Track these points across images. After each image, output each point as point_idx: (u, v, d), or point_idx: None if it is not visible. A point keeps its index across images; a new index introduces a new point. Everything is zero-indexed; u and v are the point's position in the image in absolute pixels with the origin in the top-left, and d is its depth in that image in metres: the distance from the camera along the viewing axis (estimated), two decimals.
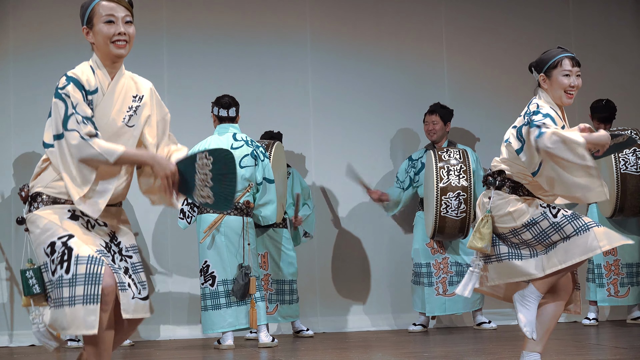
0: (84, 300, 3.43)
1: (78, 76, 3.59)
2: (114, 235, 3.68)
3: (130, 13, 3.68)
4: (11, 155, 7.62)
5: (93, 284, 3.44)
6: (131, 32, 3.66)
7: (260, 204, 6.63)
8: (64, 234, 3.52)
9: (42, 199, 3.61)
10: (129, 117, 3.66)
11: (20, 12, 7.79)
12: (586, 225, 4.24)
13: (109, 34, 3.61)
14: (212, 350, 6.57)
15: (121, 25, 3.62)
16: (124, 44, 3.63)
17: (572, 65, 4.36)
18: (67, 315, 3.44)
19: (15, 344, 7.44)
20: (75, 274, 3.44)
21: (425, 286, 7.54)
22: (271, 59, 8.10)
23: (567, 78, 4.35)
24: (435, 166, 7.17)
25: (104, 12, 3.62)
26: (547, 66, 4.41)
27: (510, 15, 8.56)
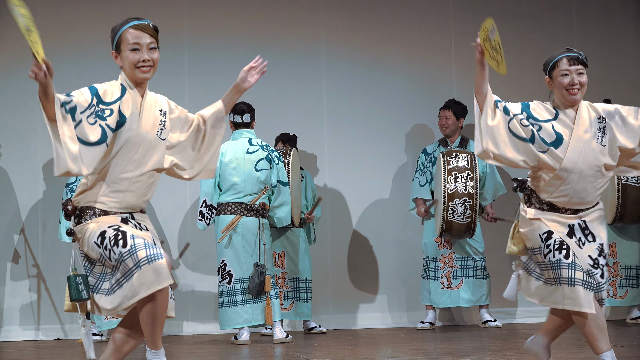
0: (149, 260, 3.66)
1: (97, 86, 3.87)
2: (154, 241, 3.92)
3: (155, 40, 3.92)
4: (38, 160, 7.82)
5: (153, 247, 3.70)
6: (155, 57, 3.91)
7: (275, 205, 6.82)
8: (114, 224, 3.78)
9: (94, 212, 3.85)
10: (161, 130, 3.94)
11: (46, 19, 7.98)
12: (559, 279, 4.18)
13: (134, 60, 3.87)
14: (229, 345, 6.69)
15: (145, 52, 3.88)
16: (148, 69, 3.90)
17: (571, 64, 4.31)
18: (135, 280, 3.65)
19: (42, 338, 7.66)
20: (134, 245, 3.68)
21: (431, 279, 7.74)
22: (288, 67, 8.25)
23: (566, 77, 4.29)
24: (443, 171, 7.31)
25: (131, 40, 3.88)
26: (548, 68, 4.40)
27: (516, 27, 8.64)
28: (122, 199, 3.87)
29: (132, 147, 3.86)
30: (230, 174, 6.77)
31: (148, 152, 3.89)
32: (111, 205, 3.85)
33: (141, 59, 3.87)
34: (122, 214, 3.87)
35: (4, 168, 7.83)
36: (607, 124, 4.30)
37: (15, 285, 7.72)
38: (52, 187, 7.83)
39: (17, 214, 7.79)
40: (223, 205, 6.75)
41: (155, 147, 3.91)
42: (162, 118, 3.95)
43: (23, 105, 7.83)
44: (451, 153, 7.40)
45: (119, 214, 3.87)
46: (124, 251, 3.68)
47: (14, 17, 3.60)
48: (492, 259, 8.10)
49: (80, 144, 3.73)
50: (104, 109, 3.83)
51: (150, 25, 3.93)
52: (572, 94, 4.29)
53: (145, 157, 3.88)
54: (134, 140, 3.85)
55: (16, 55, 7.85)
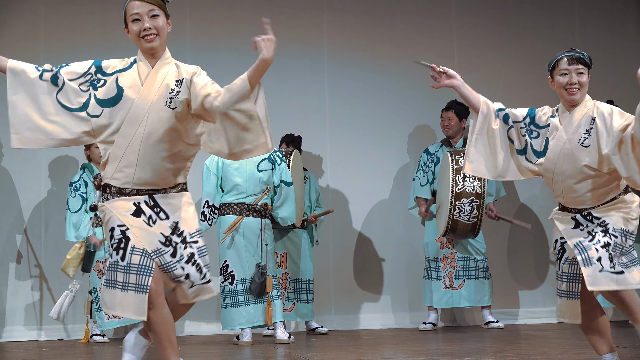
0: (136, 289, 3.70)
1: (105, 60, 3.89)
2: (177, 226, 3.84)
3: (157, 6, 3.85)
4: (42, 160, 7.84)
5: (145, 275, 3.70)
6: (159, 24, 3.85)
7: (277, 205, 6.85)
8: (123, 223, 3.77)
9: (111, 190, 3.84)
10: (170, 99, 3.80)
11: (49, 19, 8.01)
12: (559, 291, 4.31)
13: (137, 31, 3.84)
14: (231, 345, 6.71)
15: (146, 20, 3.83)
16: (152, 37, 3.84)
17: (570, 63, 4.32)
18: (117, 297, 3.72)
19: (44, 338, 7.68)
20: (130, 263, 3.71)
21: (433, 280, 7.76)
22: (290, 69, 8.28)
23: (564, 77, 4.30)
24: (451, 170, 7.33)
25: (131, 12, 3.85)
26: (549, 69, 4.41)
27: (518, 29, 8.68)
28: (133, 175, 3.80)
29: (135, 119, 3.78)
30: (232, 175, 6.78)
31: (155, 123, 3.78)
32: (124, 181, 3.82)
33: (142, 28, 3.83)
34: (136, 197, 3.81)
35: (6, 168, 7.85)
36: (595, 126, 4.25)
37: (18, 286, 7.75)
38: (55, 187, 7.85)
39: (19, 214, 7.81)
40: (225, 205, 6.77)
41: (164, 117, 3.79)
42: (176, 87, 3.82)
43: None
44: (459, 152, 7.43)
45: (132, 194, 3.82)
46: (120, 263, 3.74)
47: None
48: (493, 259, 8.12)
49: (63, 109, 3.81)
50: (100, 79, 3.84)
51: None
52: (571, 93, 4.30)
53: (153, 128, 3.78)
54: (135, 112, 3.78)
55: (17, 54, 7.85)
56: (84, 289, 7.45)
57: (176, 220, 3.85)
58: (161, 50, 3.90)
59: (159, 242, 3.80)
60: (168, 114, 3.79)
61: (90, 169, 7.39)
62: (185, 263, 3.82)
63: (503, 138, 4.38)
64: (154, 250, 3.77)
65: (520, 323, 8.29)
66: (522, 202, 8.58)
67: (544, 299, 8.37)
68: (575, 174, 4.25)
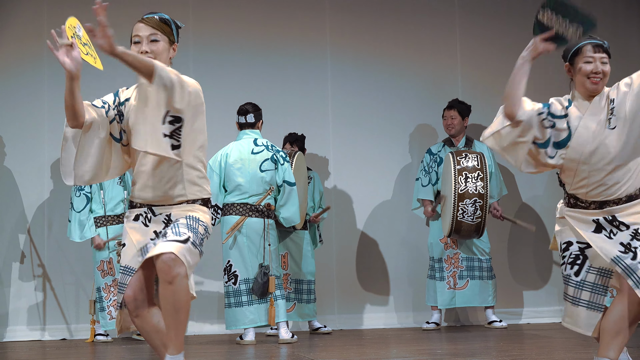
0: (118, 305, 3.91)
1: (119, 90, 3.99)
2: (169, 218, 3.88)
3: (160, 31, 3.93)
4: (45, 160, 7.87)
5: (121, 293, 3.87)
6: (156, 49, 3.91)
7: (281, 204, 6.86)
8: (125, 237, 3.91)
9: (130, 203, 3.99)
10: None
11: (53, 20, 8.03)
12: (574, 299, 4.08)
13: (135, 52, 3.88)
14: (234, 345, 6.72)
15: (144, 44, 3.91)
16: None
17: (595, 51, 4.15)
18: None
19: (48, 338, 7.69)
20: (119, 281, 3.90)
21: (437, 280, 7.76)
22: (293, 69, 8.30)
23: (589, 64, 4.13)
24: (453, 171, 7.34)
25: (133, 33, 3.96)
26: (570, 54, 4.24)
27: (521, 29, 8.67)
28: (140, 193, 3.91)
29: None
30: (235, 175, 6.79)
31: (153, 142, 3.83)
32: (135, 195, 3.94)
33: (139, 51, 3.89)
34: (139, 208, 3.91)
35: (8, 168, 7.86)
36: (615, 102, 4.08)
37: (21, 286, 7.75)
38: (58, 186, 7.86)
39: (22, 214, 7.82)
40: (228, 206, 6.77)
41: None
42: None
43: (29, 104, 7.87)
44: (460, 153, 7.43)
45: (137, 207, 3.92)
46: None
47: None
48: (497, 259, 8.13)
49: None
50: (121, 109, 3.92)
51: (156, 17, 3.95)
52: (594, 82, 4.12)
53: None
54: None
55: (21, 54, 7.90)
56: (88, 289, 7.47)
57: (168, 213, 3.89)
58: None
59: (150, 236, 3.87)
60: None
61: None
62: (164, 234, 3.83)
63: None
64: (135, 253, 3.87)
65: (524, 322, 8.29)
66: (525, 202, 8.58)
67: (547, 298, 8.38)
68: (603, 163, 4.02)
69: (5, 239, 7.77)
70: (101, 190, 7.31)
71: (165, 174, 3.86)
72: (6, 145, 7.88)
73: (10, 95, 7.89)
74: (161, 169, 3.86)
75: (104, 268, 7.21)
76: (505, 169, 8.46)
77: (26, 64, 7.92)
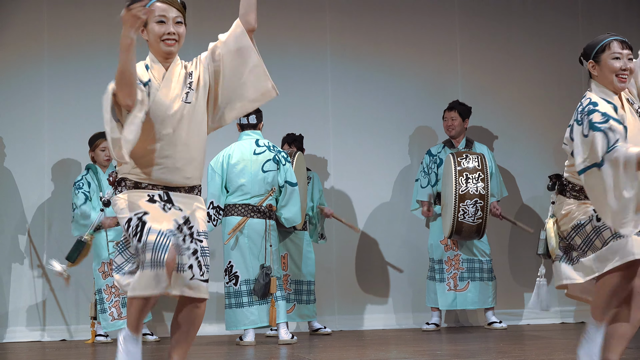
0: (151, 265, 3.67)
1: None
2: (188, 219, 3.88)
3: (182, 14, 3.94)
4: (45, 162, 7.86)
5: (160, 252, 3.68)
6: (181, 31, 3.93)
7: (282, 205, 6.86)
8: (140, 211, 3.80)
9: (126, 184, 3.88)
10: (186, 94, 3.90)
11: (53, 19, 8.02)
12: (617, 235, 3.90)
13: (160, 33, 3.88)
14: (234, 346, 6.73)
15: (171, 25, 3.89)
16: (173, 42, 3.90)
17: (622, 47, 4.03)
18: (136, 278, 3.72)
19: (48, 339, 7.69)
20: (145, 242, 3.70)
21: (437, 282, 7.76)
22: (293, 70, 8.30)
23: (618, 61, 4.00)
24: (454, 172, 7.34)
25: (157, 13, 3.88)
26: (595, 51, 4.10)
27: (522, 29, 8.69)
28: (151, 173, 3.86)
29: (155, 120, 3.83)
30: (237, 176, 6.79)
31: (177, 123, 3.85)
32: (142, 177, 3.87)
33: (167, 32, 3.89)
34: (151, 190, 3.87)
35: (8, 168, 7.86)
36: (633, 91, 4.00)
37: (21, 286, 7.75)
38: (58, 187, 7.86)
39: (22, 214, 7.82)
40: (230, 206, 6.78)
41: (185, 115, 3.88)
42: (189, 80, 3.92)
43: (28, 105, 7.87)
44: (461, 154, 7.44)
45: (148, 189, 3.87)
46: (139, 246, 3.73)
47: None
48: (497, 260, 8.14)
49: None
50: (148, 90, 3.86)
51: (178, 0, 3.94)
52: (622, 80, 4.01)
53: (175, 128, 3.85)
54: (153, 114, 3.82)
55: (21, 53, 7.89)
56: (88, 290, 7.46)
57: (187, 216, 3.89)
58: (174, 55, 3.97)
59: (174, 223, 3.82)
60: (187, 109, 3.88)
61: (94, 170, 7.41)
62: (191, 254, 3.84)
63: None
64: (169, 229, 3.77)
65: (524, 323, 8.30)
66: (525, 203, 8.58)
67: None
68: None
69: (5, 239, 7.77)
70: (100, 192, 7.32)
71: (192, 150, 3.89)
72: (6, 147, 7.88)
73: (10, 95, 7.89)
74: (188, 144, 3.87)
75: (105, 269, 7.22)
76: (506, 170, 8.47)
77: (26, 65, 7.92)
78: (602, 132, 3.78)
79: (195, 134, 3.91)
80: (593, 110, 3.87)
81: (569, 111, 9.03)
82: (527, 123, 8.58)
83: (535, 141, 8.56)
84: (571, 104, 8.44)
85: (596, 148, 3.78)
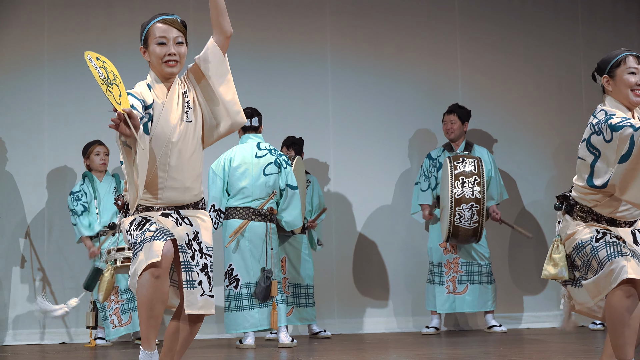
0: (152, 238, 3.69)
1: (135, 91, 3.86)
2: (197, 235, 3.90)
3: (183, 34, 3.93)
4: (45, 170, 7.87)
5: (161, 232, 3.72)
6: (182, 51, 3.92)
7: (283, 208, 6.86)
8: (149, 216, 3.82)
9: (137, 208, 3.88)
10: (186, 114, 3.89)
11: (53, 23, 8.03)
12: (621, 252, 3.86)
13: (161, 54, 3.88)
14: (234, 349, 6.72)
15: (172, 46, 3.89)
16: (174, 64, 3.90)
17: (638, 62, 4.01)
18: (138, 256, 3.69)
19: (47, 342, 7.69)
20: (148, 228, 3.74)
21: (436, 285, 7.77)
22: (293, 73, 8.31)
23: (633, 76, 3.97)
24: (450, 176, 7.36)
25: (158, 34, 3.88)
26: (609, 66, 4.05)
27: (522, 33, 8.70)
28: (162, 197, 3.87)
29: (161, 142, 3.82)
30: (239, 179, 6.80)
31: (182, 143, 3.85)
32: (152, 202, 3.87)
33: (167, 53, 3.88)
34: (164, 210, 3.88)
35: (9, 172, 7.87)
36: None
37: (21, 289, 7.75)
38: (58, 191, 7.86)
39: (23, 218, 7.82)
40: (231, 209, 6.78)
41: (187, 134, 3.87)
42: (186, 98, 3.91)
43: (29, 108, 7.88)
44: (458, 158, 7.44)
45: (160, 211, 3.88)
46: (138, 233, 3.75)
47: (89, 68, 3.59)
48: (497, 263, 8.14)
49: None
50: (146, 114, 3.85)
51: (178, 20, 3.94)
52: (638, 95, 3.97)
53: (181, 149, 3.85)
54: (161, 136, 3.82)
55: (22, 55, 7.90)
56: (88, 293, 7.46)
57: (197, 230, 3.91)
58: (175, 75, 3.96)
59: (184, 239, 3.84)
60: (190, 128, 3.88)
61: (90, 178, 7.44)
62: (200, 271, 3.86)
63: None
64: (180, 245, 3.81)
65: (524, 327, 8.29)
66: (525, 207, 8.58)
67: (546, 303, 8.38)
68: None
69: (5, 243, 7.77)
70: (95, 200, 7.34)
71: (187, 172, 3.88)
72: (8, 151, 7.88)
73: (11, 98, 7.89)
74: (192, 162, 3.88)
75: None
76: (506, 174, 8.47)
77: (27, 67, 7.93)
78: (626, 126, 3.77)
79: (198, 150, 3.93)
80: (611, 117, 3.87)
81: (569, 114, 9.09)
82: (527, 126, 8.58)
83: (535, 144, 8.57)
84: (571, 107, 8.55)
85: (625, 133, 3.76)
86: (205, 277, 3.87)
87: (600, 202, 3.99)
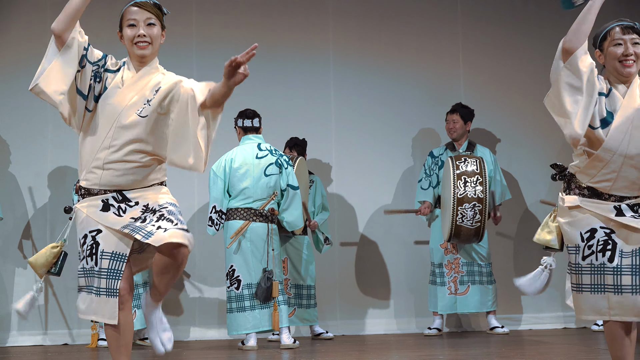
0: (107, 293, 3.78)
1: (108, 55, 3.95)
2: (147, 206, 3.85)
3: (155, 15, 3.91)
4: (47, 170, 7.88)
5: (114, 279, 3.77)
6: (154, 33, 3.90)
7: (284, 208, 6.86)
8: (94, 228, 3.83)
9: (81, 192, 3.91)
10: (143, 108, 3.84)
11: None
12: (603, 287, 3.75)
13: (131, 36, 3.89)
14: (236, 351, 6.73)
15: (142, 27, 3.88)
16: (145, 45, 3.89)
17: (624, 32, 3.95)
18: (94, 302, 3.81)
19: (49, 343, 7.70)
20: (101, 268, 3.80)
21: (438, 285, 7.77)
22: (296, 73, 8.32)
23: (619, 47, 3.89)
24: (452, 176, 7.35)
25: (128, 17, 3.91)
26: (598, 41, 4.03)
27: (523, 33, 8.69)
28: (102, 177, 3.85)
29: (107, 121, 3.82)
30: (240, 180, 6.80)
31: (124, 129, 3.81)
32: (93, 182, 3.87)
33: (136, 34, 3.88)
34: (104, 194, 3.85)
35: (12, 173, 7.87)
36: None
37: (24, 290, 7.74)
38: (60, 191, 7.87)
39: (25, 218, 7.83)
40: (232, 210, 6.78)
41: (133, 124, 3.82)
42: (152, 96, 3.85)
43: (31, 108, 7.88)
44: (460, 157, 7.44)
45: (101, 193, 3.86)
46: (94, 269, 3.83)
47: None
48: (498, 264, 8.13)
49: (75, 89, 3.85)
50: (102, 73, 3.87)
51: (150, 1, 3.92)
52: (627, 65, 3.86)
53: (120, 133, 3.82)
54: (107, 114, 3.82)
55: (25, 53, 7.90)
56: None
57: (145, 203, 3.87)
58: (150, 59, 3.95)
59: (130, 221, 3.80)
60: (139, 122, 3.83)
61: None
62: (156, 222, 3.79)
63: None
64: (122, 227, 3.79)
65: (525, 328, 8.29)
66: (528, 208, 8.57)
67: (548, 304, 8.37)
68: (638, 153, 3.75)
69: (7, 243, 7.78)
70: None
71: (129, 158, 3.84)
72: (12, 153, 7.88)
73: (13, 99, 7.90)
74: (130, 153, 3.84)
75: None
76: (509, 174, 8.46)
77: (29, 67, 7.91)
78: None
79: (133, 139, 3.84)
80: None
81: None
82: (530, 126, 8.57)
83: (538, 144, 8.56)
84: None
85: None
86: (164, 221, 3.76)
87: (580, 167, 3.92)
